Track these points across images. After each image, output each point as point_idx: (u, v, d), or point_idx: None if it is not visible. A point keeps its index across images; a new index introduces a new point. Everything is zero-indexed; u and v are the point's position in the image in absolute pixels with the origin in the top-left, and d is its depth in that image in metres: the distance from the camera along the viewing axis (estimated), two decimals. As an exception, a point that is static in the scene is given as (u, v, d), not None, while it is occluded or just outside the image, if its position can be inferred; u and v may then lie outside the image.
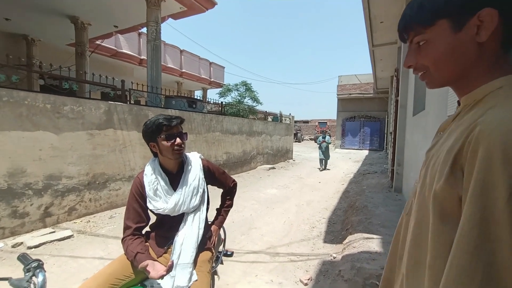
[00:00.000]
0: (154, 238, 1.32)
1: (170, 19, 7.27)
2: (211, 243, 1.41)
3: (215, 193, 1.60)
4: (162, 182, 1.27)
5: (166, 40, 12.16)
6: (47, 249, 2.87)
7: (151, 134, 1.24)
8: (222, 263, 1.60)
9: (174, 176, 1.32)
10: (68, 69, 4.01)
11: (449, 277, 0.38)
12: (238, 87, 12.66)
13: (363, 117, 18.54)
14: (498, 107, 0.41)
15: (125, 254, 1.20)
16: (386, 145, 14.09)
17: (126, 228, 1.25)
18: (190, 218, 1.29)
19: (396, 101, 5.75)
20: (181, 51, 12.99)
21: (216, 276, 1.59)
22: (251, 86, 12.62)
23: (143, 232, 1.33)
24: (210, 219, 1.55)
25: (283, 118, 12.01)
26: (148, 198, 1.26)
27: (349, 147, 19.01)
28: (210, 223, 1.53)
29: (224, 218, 1.57)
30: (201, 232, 1.29)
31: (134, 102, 5.22)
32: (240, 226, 3.67)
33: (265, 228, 3.62)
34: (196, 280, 1.17)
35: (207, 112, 7.40)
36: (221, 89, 13.69)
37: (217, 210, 1.59)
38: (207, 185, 1.42)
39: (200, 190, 1.33)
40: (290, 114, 12.76)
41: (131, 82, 5.32)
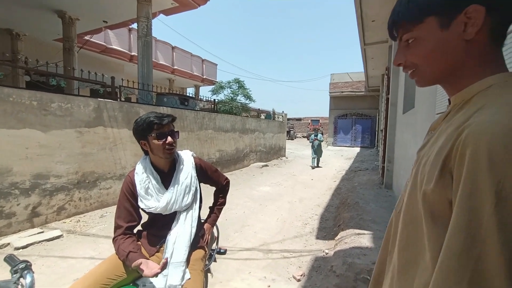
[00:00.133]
0: (146, 237, 1.31)
1: (161, 15, 7.15)
2: (204, 241, 1.41)
3: (208, 191, 1.59)
4: (154, 180, 1.26)
5: (158, 36, 11.96)
6: (36, 249, 2.80)
7: (142, 132, 1.22)
8: (216, 261, 1.60)
9: (166, 174, 1.31)
10: (55, 65, 3.90)
11: (437, 279, 0.39)
12: (231, 84, 12.60)
13: (355, 114, 18.77)
14: (485, 109, 0.41)
15: (116, 254, 1.18)
16: (377, 142, 14.32)
17: (117, 227, 1.23)
18: (183, 216, 1.29)
19: (387, 99, 5.85)
20: (172, 48, 12.81)
21: (209, 274, 1.59)
22: (244, 84, 12.60)
23: (135, 231, 1.31)
24: (203, 217, 1.54)
25: (276, 116, 12.05)
26: (139, 197, 1.25)
27: (341, 145, 19.23)
28: (203, 221, 1.52)
29: (217, 216, 1.56)
30: (193, 230, 1.29)
31: (124, 99, 5.13)
32: (233, 223, 3.67)
33: (258, 226, 3.63)
34: (189, 279, 1.17)
35: (199, 109, 7.34)
36: (213, 86, 13.59)
37: (210, 208, 1.59)
38: (200, 183, 1.41)
39: (193, 189, 1.32)
40: (283, 111, 12.82)
41: (122, 79, 5.23)
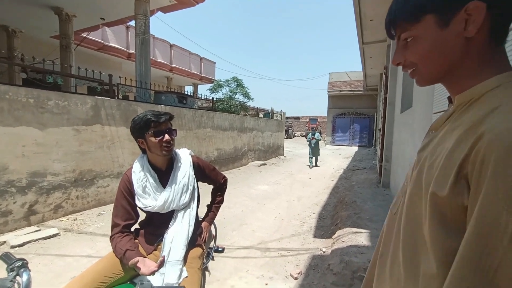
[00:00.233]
0: (144, 236, 1.31)
1: (159, 12, 7.11)
2: (201, 240, 1.41)
3: (205, 189, 1.59)
4: (151, 179, 1.26)
5: (156, 34, 11.90)
6: (32, 248, 2.79)
7: (139, 130, 1.22)
8: (213, 259, 1.61)
9: (164, 173, 1.30)
10: (52, 62, 3.87)
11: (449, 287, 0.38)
12: (229, 83, 12.53)
13: (353, 114, 18.81)
14: (502, 111, 0.38)
15: (113, 252, 1.18)
16: (375, 141, 14.38)
17: (114, 225, 1.23)
18: (180, 215, 1.28)
19: (385, 98, 5.86)
20: (171, 46, 12.75)
21: (207, 272, 1.60)
22: (242, 82, 12.52)
23: (132, 229, 1.31)
24: (201, 216, 1.54)
25: (275, 115, 12.04)
26: (136, 195, 1.24)
27: (339, 144, 19.27)
28: (200, 219, 1.52)
29: (215, 215, 1.57)
30: (191, 229, 1.29)
31: (122, 97, 5.10)
32: (231, 222, 3.68)
33: (256, 224, 3.64)
34: (186, 277, 1.17)
35: (197, 108, 7.33)
36: (212, 84, 13.55)
37: (207, 206, 1.59)
38: (198, 181, 1.41)
39: (190, 187, 1.32)
40: (282, 110, 12.79)
41: (119, 77, 5.19)
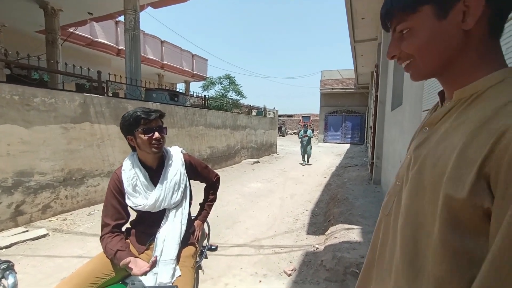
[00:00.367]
0: (135, 235, 1.29)
1: (149, 7, 6.97)
2: (194, 238, 1.40)
3: (198, 187, 1.58)
4: (142, 177, 1.24)
5: (146, 30, 11.65)
6: (20, 249, 2.72)
7: (129, 127, 1.19)
8: (207, 257, 1.60)
9: (154, 171, 1.28)
10: (37, 58, 3.75)
11: None
12: (222, 80, 12.47)
13: (345, 111, 19.03)
14: None
15: (104, 253, 1.16)
16: (366, 139, 14.58)
17: (104, 225, 1.21)
18: (172, 214, 1.27)
19: (376, 96, 5.94)
20: (162, 42, 12.53)
21: (200, 271, 1.59)
22: (234, 80, 12.48)
23: (123, 229, 1.29)
24: (194, 214, 1.53)
25: (267, 112, 12.04)
26: (127, 194, 1.22)
27: (331, 141, 19.48)
28: (193, 218, 1.51)
29: (208, 213, 1.56)
30: (183, 227, 1.27)
31: (112, 95, 4.99)
32: (224, 220, 3.67)
33: (249, 222, 3.64)
34: (179, 276, 1.16)
35: (190, 105, 7.25)
36: (204, 82, 13.42)
37: (200, 204, 1.58)
38: (190, 180, 1.40)
39: (182, 186, 1.30)
40: (274, 108, 12.81)
41: (109, 74, 5.07)
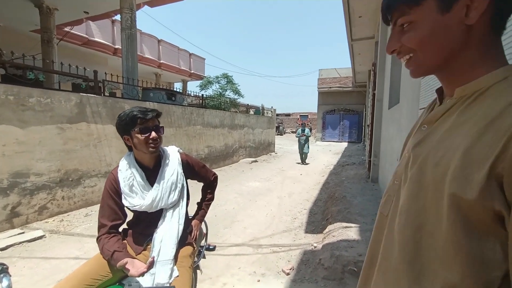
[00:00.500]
0: (132, 236, 1.28)
1: (146, 6, 6.92)
2: (192, 238, 1.39)
3: (196, 187, 1.57)
4: (138, 177, 1.23)
5: (143, 29, 11.58)
6: (16, 251, 2.70)
7: (125, 127, 1.18)
8: (205, 257, 1.59)
9: (151, 171, 1.27)
10: (33, 57, 3.71)
11: None
12: (219, 79, 12.39)
13: (343, 110, 19.06)
14: None
15: (101, 254, 1.15)
16: (364, 137, 14.63)
17: (101, 226, 1.19)
18: (169, 214, 1.26)
19: (373, 94, 5.95)
20: (158, 41, 12.46)
21: (198, 271, 1.58)
22: (232, 79, 12.40)
23: (120, 229, 1.28)
24: (191, 214, 1.52)
25: (265, 111, 12.03)
26: (123, 195, 1.21)
27: (329, 140, 19.52)
28: (191, 217, 1.51)
29: (205, 212, 1.55)
30: (181, 227, 1.27)
31: (109, 94, 4.96)
32: (223, 219, 3.66)
33: (247, 221, 3.64)
34: (177, 276, 1.15)
35: (187, 105, 7.22)
36: (201, 81, 13.36)
37: (197, 204, 1.57)
38: (187, 179, 1.39)
39: (179, 185, 1.29)
40: (272, 107, 12.81)
41: (105, 73, 5.03)
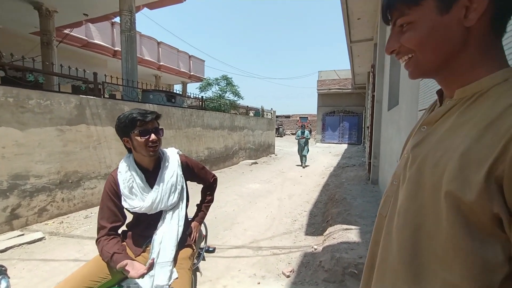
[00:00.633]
0: (131, 237, 1.28)
1: (145, 8, 6.95)
2: (191, 240, 1.39)
3: (195, 189, 1.57)
4: (138, 179, 1.23)
5: (142, 31, 11.61)
6: (16, 253, 2.69)
7: (124, 129, 1.18)
8: (204, 259, 1.59)
9: (151, 173, 1.27)
10: (32, 59, 3.71)
11: None
12: (219, 81, 12.41)
13: (342, 112, 19.07)
14: None
15: (100, 255, 1.15)
16: (364, 139, 14.64)
17: (100, 228, 1.19)
18: (169, 215, 1.26)
19: (373, 96, 5.97)
20: (158, 43, 12.50)
21: (198, 273, 1.58)
22: (232, 81, 12.44)
23: (120, 231, 1.28)
24: (191, 216, 1.52)
25: (265, 113, 12.04)
26: (123, 197, 1.21)
27: (329, 141, 19.52)
28: (190, 219, 1.50)
29: (205, 214, 1.54)
30: (180, 229, 1.26)
31: (108, 96, 4.96)
32: (223, 221, 3.65)
33: (247, 223, 3.63)
34: (176, 278, 1.15)
35: (187, 106, 7.23)
36: (201, 83, 13.39)
37: (197, 206, 1.57)
38: (187, 181, 1.39)
39: (179, 187, 1.29)
40: (272, 109, 12.82)
41: (105, 75, 5.04)
